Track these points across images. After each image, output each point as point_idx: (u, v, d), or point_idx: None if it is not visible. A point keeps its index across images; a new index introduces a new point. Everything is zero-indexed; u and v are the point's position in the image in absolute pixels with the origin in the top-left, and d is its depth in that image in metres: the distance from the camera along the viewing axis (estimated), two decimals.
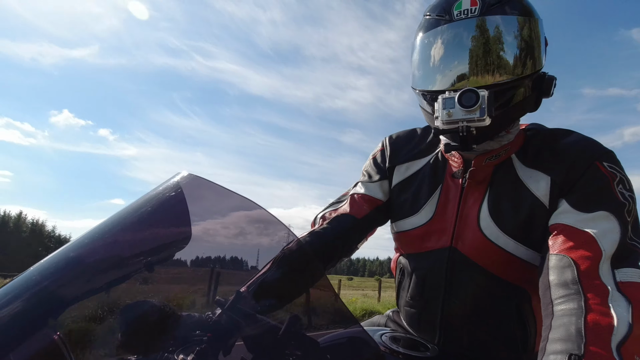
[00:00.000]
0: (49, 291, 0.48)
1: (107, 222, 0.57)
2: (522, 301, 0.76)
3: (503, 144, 0.78)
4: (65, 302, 0.49)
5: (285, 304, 0.61)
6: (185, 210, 0.62)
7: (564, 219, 0.67)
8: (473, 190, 0.80)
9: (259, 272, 0.63)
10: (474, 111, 0.67)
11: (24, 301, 0.46)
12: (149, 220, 0.60)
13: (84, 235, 0.55)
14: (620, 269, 0.59)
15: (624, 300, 0.55)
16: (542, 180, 0.73)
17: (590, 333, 0.52)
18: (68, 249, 0.53)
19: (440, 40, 0.75)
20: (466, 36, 0.72)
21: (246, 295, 0.61)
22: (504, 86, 0.71)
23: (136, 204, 0.60)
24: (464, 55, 0.72)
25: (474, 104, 0.67)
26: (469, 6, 0.71)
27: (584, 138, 0.75)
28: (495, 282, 0.76)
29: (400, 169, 0.92)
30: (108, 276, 0.54)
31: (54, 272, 0.50)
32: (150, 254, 0.57)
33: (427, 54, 0.77)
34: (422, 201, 0.86)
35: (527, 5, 0.74)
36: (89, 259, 0.54)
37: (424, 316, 0.85)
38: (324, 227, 0.87)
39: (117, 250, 0.56)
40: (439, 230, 0.82)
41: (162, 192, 0.63)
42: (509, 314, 0.76)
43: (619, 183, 0.68)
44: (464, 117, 0.68)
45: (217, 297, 0.58)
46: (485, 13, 0.70)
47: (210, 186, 0.62)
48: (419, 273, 0.86)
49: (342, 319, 0.53)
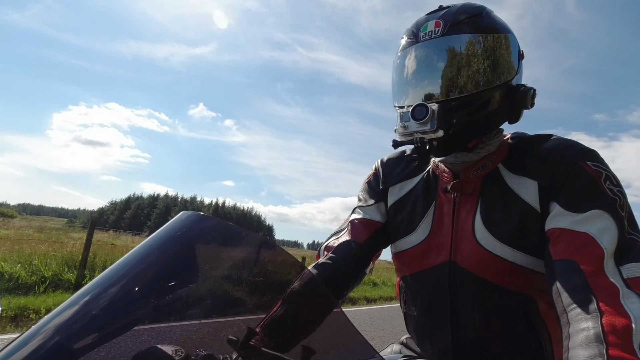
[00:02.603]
0: (59, 343, 0.47)
1: (115, 268, 0.57)
2: (529, 309, 0.75)
3: (483, 155, 0.80)
4: (75, 354, 0.48)
5: (300, 338, 0.60)
6: (192, 250, 0.62)
7: (559, 223, 0.68)
8: (465, 202, 0.81)
9: (272, 309, 0.62)
10: (425, 123, 0.72)
11: (34, 355, 0.45)
12: (156, 264, 0.59)
13: (92, 284, 0.55)
14: (625, 265, 0.59)
15: (636, 296, 0.55)
16: (530, 186, 0.74)
17: (610, 336, 0.51)
18: (76, 298, 0.52)
19: (406, 60, 0.80)
20: (426, 56, 0.77)
21: (259, 333, 0.60)
22: (459, 100, 0.74)
23: (143, 248, 0.59)
24: (423, 73, 0.78)
25: (424, 117, 0.71)
26: (433, 28, 0.77)
27: (564, 140, 0.77)
28: (499, 292, 0.76)
29: (394, 190, 0.94)
30: (117, 324, 0.53)
31: (63, 323, 0.49)
32: (159, 297, 0.56)
33: (396, 73, 0.84)
34: (418, 219, 0.87)
35: (491, 23, 0.78)
36: (97, 308, 0.53)
37: (435, 336, 0.84)
38: (330, 257, 0.87)
39: (126, 297, 0.55)
40: (437, 246, 0.83)
41: (167, 233, 0.63)
42: (518, 323, 0.75)
43: (606, 180, 0.69)
44: (417, 129, 0.73)
45: (229, 337, 0.57)
46: (446, 34, 0.75)
47: (216, 224, 0.62)
48: (422, 292, 0.86)
49: (360, 349, 0.52)
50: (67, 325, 0.49)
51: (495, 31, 0.77)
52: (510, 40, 0.79)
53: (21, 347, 0.46)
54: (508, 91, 0.78)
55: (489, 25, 0.78)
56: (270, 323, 0.64)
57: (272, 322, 0.64)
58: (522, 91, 0.79)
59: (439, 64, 0.75)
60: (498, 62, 0.76)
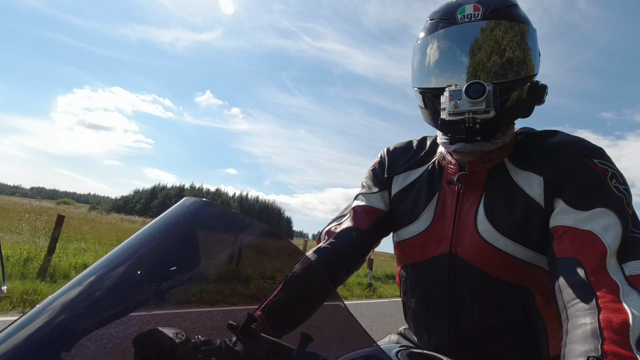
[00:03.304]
0: (61, 323, 0.48)
1: (118, 252, 0.57)
2: (526, 301, 0.76)
3: (498, 146, 0.80)
4: (77, 334, 0.49)
5: (297, 324, 0.60)
6: (194, 235, 0.62)
7: (564, 220, 0.68)
8: (469, 194, 0.81)
9: (271, 294, 0.63)
10: (480, 103, 0.70)
11: (37, 334, 0.46)
12: (158, 248, 0.60)
13: (95, 266, 0.55)
14: (628, 263, 0.59)
15: (636, 293, 0.55)
16: (535, 181, 0.74)
17: (607, 332, 0.51)
18: (81, 279, 0.53)
19: (446, 41, 0.79)
20: (471, 37, 0.76)
21: (258, 318, 0.61)
22: (505, 85, 0.74)
23: (146, 232, 0.60)
24: (475, 53, 0.76)
25: (480, 95, 0.70)
26: (472, 11, 0.77)
27: (571, 137, 0.77)
28: (498, 284, 0.76)
29: (398, 179, 0.94)
30: (119, 306, 0.54)
31: (66, 304, 0.50)
32: (160, 281, 0.57)
33: (432, 54, 0.81)
34: (420, 209, 0.87)
35: (524, 15, 0.79)
36: (100, 290, 0.53)
37: (433, 328, 0.84)
38: (330, 243, 0.88)
39: (129, 280, 0.56)
40: (438, 237, 0.83)
41: (171, 218, 0.63)
42: (516, 316, 0.76)
43: (612, 177, 0.68)
44: (470, 108, 0.71)
45: (230, 322, 0.58)
46: (487, 18, 0.75)
47: (218, 210, 0.62)
48: (422, 283, 0.86)
49: (357, 337, 0.52)
50: (68, 307, 0.50)
51: (528, 23, 0.78)
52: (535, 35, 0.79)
53: (23, 327, 0.46)
54: (532, 84, 0.79)
55: (523, 16, 0.79)
56: (270, 306, 0.65)
57: (272, 305, 0.65)
58: (541, 86, 0.79)
59: (489, 45, 0.75)
60: (533, 53, 0.77)
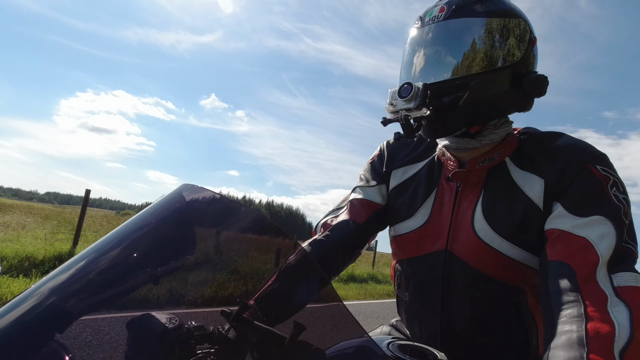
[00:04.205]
0: (55, 305, 0.48)
1: (114, 235, 0.57)
2: (519, 301, 0.76)
3: (485, 144, 0.79)
4: (71, 316, 0.49)
5: (291, 314, 0.60)
6: (189, 221, 0.62)
7: (560, 224, 0.67)
8: (467, 192, 0.81)
9: (266, 284, 0.63)
10: (409, 101, 0.72)
11: (30, 315, 0.46)
12: (154, 232, 0.60)
13: (90, 249, 0.55)
14: (617, 274, 0.60)
15: (623, 305, 0.55)
16: (536, 183, 0.74)
17: (592, 341, 0.52)
18: (74, 262, 0.53)
19: (407, 45, 0.82)
20: (422, 40, 0.78)
21: (252, 306, 0.61)
22: (445, 84, 0.74)
23: (142, 216, 0.60)
24: (420, 55, 0.78)
25: (408, 94, 0.72)
26: (438, 12, 0.77)
27: (576, 141, 0.75)
28: (492, 283, 0.76)
29: (397, 173, 0.94)
30: (114, 290, 0.54)
31: (60, 286, 0.50)
32: (156, 266, 0.57)
33: (402, 57, 0.84)
34: (418, 204, 0.87)
35: (496, 8, 0.76)
36: (95, 273, 0.54)
37: (425, 322, 0.85)
38: (326, 235, 0.88)
39: (123, 263, 0.56)
40: (434, 234, 0.83)
41: (167, 203, 0.63)
42: (508, 315, 0.76)
43: (613, 186, 0.68)
44: (402, 107, 0.74)
45: (223, 309, 0.58)
46: (448, 18, 0.75)
47: (214, 196, 0.62)
48: (416, 278, 0.86)
49: (349, 328, 0.53)
50: (62, 289, 0.50)
51: (499, 15, 0.75)
52: (517, 24, 0.76)
53: (15, 307, 0.47)
54: (515, 77, 0.76)
55: (493, 10, 0.75)
56: (264, 296, 0.65)
57: (266, 295, 0.65)
58: (530, 77, 0.75)
59: (432, 48, 0.77)
60: (496, 46, 0.74)
